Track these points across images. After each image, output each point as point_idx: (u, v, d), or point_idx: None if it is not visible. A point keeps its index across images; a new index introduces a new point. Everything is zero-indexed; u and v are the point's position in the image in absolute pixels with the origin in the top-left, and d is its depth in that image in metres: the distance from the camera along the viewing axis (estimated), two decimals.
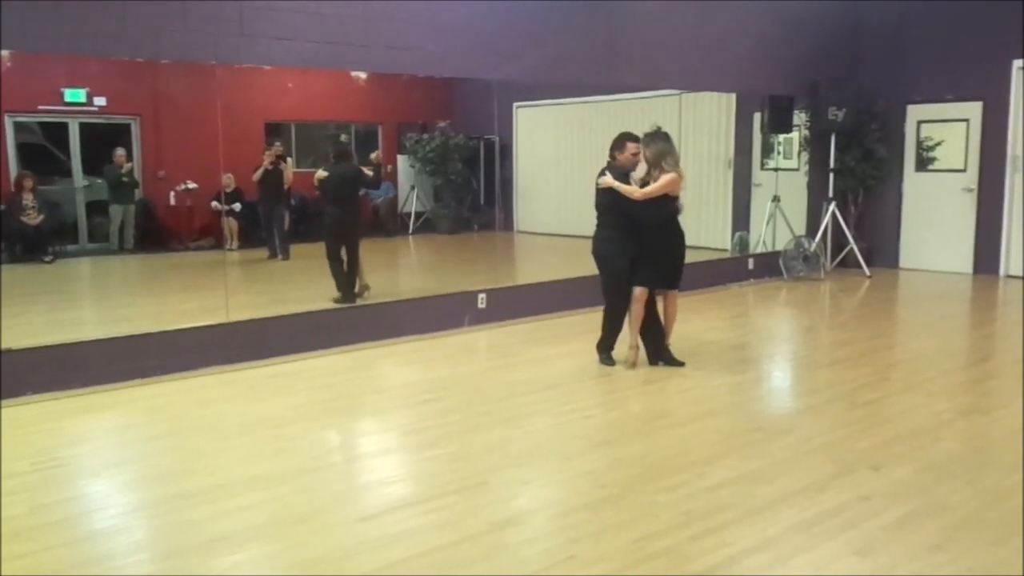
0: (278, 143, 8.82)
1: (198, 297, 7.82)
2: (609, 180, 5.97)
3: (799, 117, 10.66)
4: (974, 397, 5.75)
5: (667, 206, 6.02)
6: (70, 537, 3.64)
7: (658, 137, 6.02)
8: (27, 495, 4.02)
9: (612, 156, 6.13)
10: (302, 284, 7.60)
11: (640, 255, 6.06)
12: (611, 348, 6.34)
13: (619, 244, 6.11)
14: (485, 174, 10.78)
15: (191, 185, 8.80)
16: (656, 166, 5.97)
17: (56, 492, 4.11)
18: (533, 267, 10.14)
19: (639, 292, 6.10)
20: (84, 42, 5.78)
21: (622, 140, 6.11)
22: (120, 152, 8.52)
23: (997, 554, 3.39)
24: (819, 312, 9.04)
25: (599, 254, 6.23)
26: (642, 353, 6.25)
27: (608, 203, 6.09)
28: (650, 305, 6.22)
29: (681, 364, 6.22)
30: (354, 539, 3.57)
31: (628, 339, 6.21)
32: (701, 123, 10.49)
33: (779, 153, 10.98)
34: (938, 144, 10.57)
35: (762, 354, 7.17)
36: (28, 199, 8.26)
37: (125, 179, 8.57)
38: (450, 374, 6.28)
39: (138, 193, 8.73)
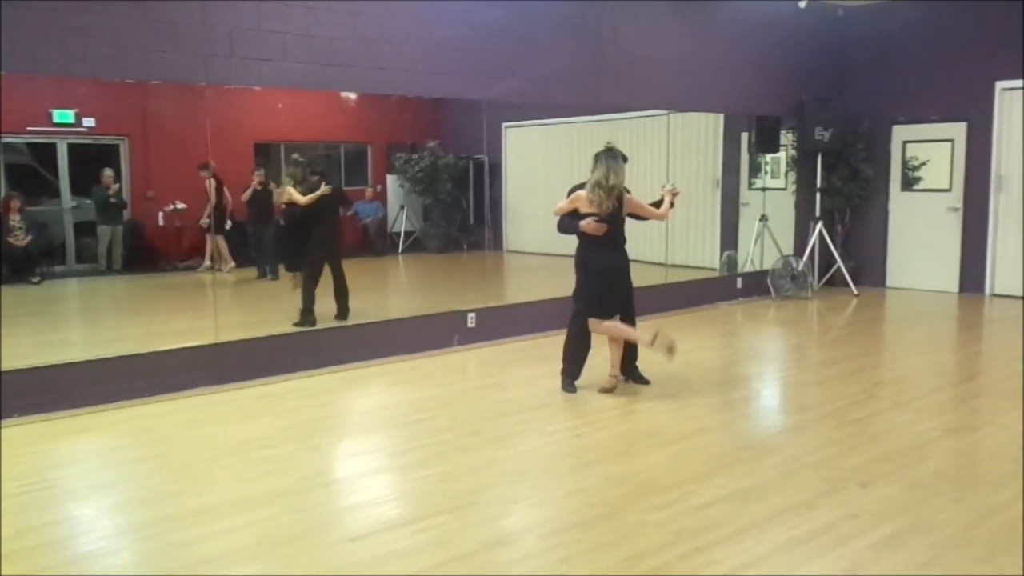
0: (260, 171, 8.76)
1: (186, 317, 7.80)
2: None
3: (786, 137, 10.75)
4: (961, 415, 5.78)
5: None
6: (58, 560, 3.61)
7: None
8: (14, 517, 3.99)
9: None
10: (291, 304, 7.59)
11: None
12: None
13: None
14: (474, 194, 10.81)
15: (180, 205, 8.78)
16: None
17: (43, 515, 4.08)
18: (522, 286, 10.14)
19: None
20: (74, 64, 5.78)
21: None
22: (108, 173, 8.49)
23: (984, 571, 3.41)
24: (807, 331, 9.07)
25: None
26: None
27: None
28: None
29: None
30: (343, 560, 3.55)
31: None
32: (689, 143, 10.55)
33: (766, 173, 11.05)
34: (923, 164, 10.66)
35: (751, 373, 7.19)
36: (15, 220, 8.23)
37: (113, 200, 8.54)
38: (439, 394, 6.27)
39: (126, 214, 8.71)
